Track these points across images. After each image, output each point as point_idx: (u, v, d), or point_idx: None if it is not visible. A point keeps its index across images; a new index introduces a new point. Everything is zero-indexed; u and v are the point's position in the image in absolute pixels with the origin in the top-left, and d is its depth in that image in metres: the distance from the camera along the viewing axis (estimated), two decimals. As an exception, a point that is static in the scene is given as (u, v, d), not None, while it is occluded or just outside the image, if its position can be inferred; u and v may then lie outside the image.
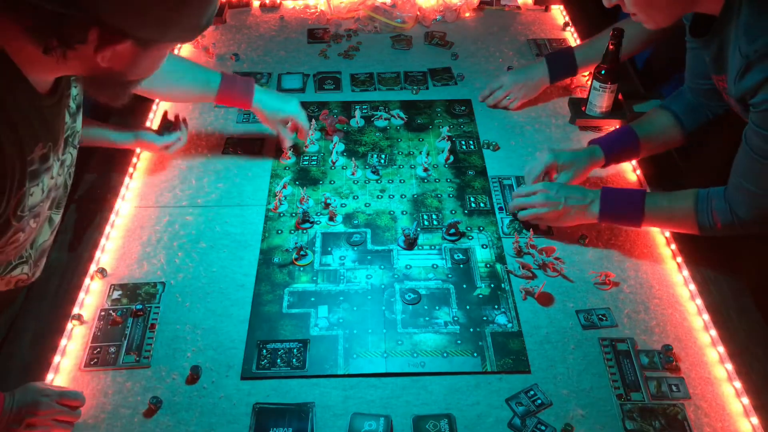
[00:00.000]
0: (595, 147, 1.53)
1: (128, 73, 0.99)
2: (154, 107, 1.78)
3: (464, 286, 1.36)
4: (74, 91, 1.13)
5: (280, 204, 1.51)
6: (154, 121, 1.77)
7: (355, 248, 1.44)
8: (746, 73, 1.16)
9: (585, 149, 1.55)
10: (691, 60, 1.46)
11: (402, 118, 1.76)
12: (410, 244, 1.44)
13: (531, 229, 1.46)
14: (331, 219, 1.50)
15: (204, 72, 1.58)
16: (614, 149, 1.53)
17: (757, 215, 1.25)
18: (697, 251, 1.41)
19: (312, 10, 2.24)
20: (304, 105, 1.82)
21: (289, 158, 1.66)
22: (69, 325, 1.27)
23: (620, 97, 1.75)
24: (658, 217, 1.37)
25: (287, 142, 1.64)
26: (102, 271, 1.37)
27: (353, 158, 1.64)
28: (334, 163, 1.64)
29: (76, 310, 1.29)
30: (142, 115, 1.77)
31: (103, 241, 1.43)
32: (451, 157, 1.66)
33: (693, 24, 1.32)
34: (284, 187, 1.53)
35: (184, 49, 2.05)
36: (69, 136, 1.13)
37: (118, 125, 1.57)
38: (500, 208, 1.53)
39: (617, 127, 1.68)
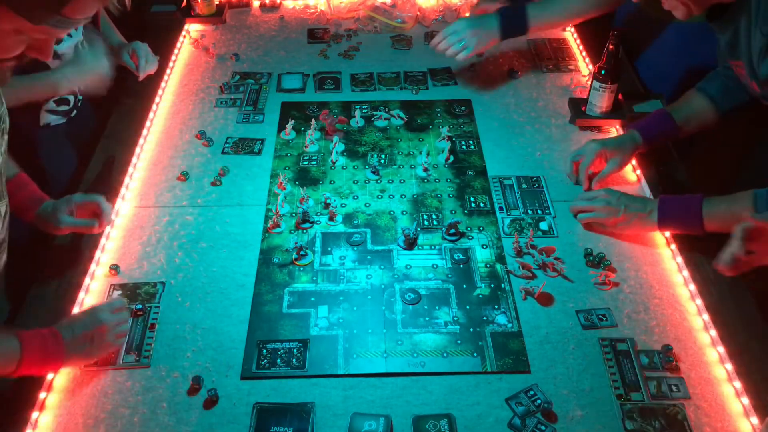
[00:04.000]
0: (634, 132, 1.57)
1: None
2: (151, 114, 1.78)
3: (464, 286, 1.36)
4: None
5: (276, 225, 1.47)
6: (151, 129, 1.77)
7: (355, 248, 1.44)
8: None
9: (626, 135, 1.59)
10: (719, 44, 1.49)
11: (402, 118, 1.76)
12: (410, 244, 1.44)
13: (531, 229, 1.46)
14: (331, 219, 1.50)
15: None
16: (653, 133, 1.57)
17: None
18: (697, 252, 1.41)
19: (312, 10, 2.24)
20: (304, 105, 1.83)
21: (289, 134, 1.70)
22: (69, 325, 1.27)
23: (620, 97, 1.75)
24: (718, 222, 1.34)
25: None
26: (115, 267, 1.38)
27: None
28: (334, 162, 1.64)
29: (76, 310, 1.29)
30: (149, 98, 1.77)
31: (103, 241, 1.43)
32: (451, 157, 1.66)
33: (710, 10, 1.34)
34: (281, 186, 1.53)
35: (184, 50, 2.06)
36: None
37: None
38: (500, 208, 1.53)
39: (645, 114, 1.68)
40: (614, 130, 1.74)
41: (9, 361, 1.07)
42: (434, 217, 1.51)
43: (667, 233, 1.44)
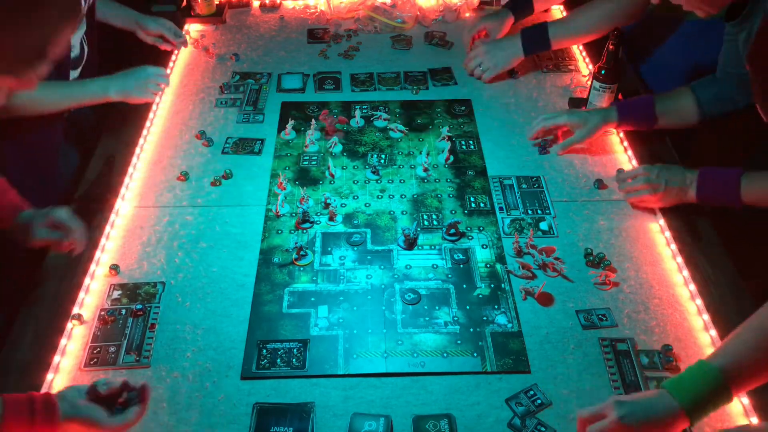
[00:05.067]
0: (613, 108, 1.62)
1: None
2: (151, 114, 1.78)
3: (464, 286, 1.36)
4: None
5: (282, 207, 1.50)
6: (151, 129, 1.77)
7: (355, 248, 1.44)
8: None
9: (602, 109, 1.64)
10: (725, 48, 1.50)
11: (402, 131, 1.74)
12: (410, 244, 1.44)
13: (531, 229, 1.46)
14: (331, 219, 1.50)
15: None
16: (629, 114, 1.61)
17: None
18: (697, 251, 1.41)
19: (312, 10, 2.24)
20: (304, 105, 1.83)
21: (289, 134, 1.70)
22: (69, 325, 1.27)
23: (620, 97, 1.75)
24: (758, 196, 1.36)
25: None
26: (115, 267, 1.38)
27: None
28: (333, 176, 1.62)
29: (76, 310, 1.29)
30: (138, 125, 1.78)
31: (103, 241, 1.43)
32: (451, 157, 1.66)
33: (729, 9, 1.35)
34: (281, 186, 1.53)
35: (184, 52, 2.06)
36: None
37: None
38: (500, 208, 1.53)
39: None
40: (614, 130, 1.74)
41: None
42: (434, 217, 1.51)
43: (668, 233, 1.45)
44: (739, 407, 1.15)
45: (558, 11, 2.20)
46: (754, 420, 1.14)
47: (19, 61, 0.84)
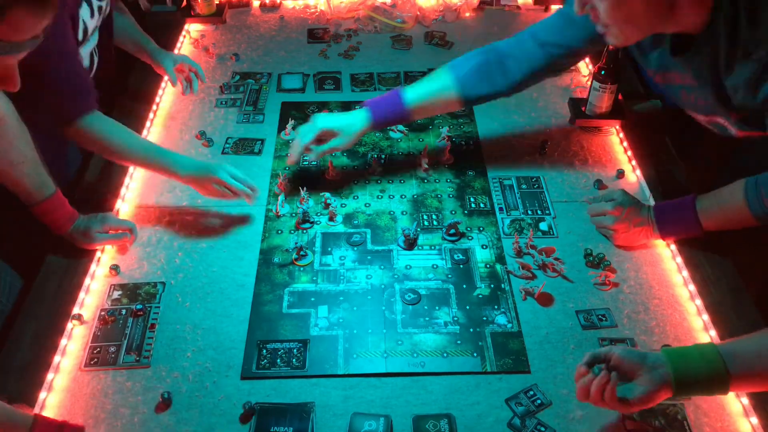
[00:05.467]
0: (365, 111, 1.52)
1: None
2: (151, 114, 1.78)
3: (464, 286, 1.36)
4: None
5: (282, 207, 1.50)
6: (151, 129, 1.77)
7: (355, 248, 1.44)
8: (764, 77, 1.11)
9: (355, 112, 1.54)
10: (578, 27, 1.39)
11: (401, 131, 1.74)
12: (410, 244, 1.44)
13: (531, 230, 1.46)
14: (331, 219, 1.50)
15: (44, 175, 1.35)
16: (382, 115, 1.53)
17: None
18: (696, 252, 1.41)
19: (312, 10, 2.24)
20: (304, 105, 1.83)
21: (289, 134, 1.70)
22: (69, 325, 1.27)
23: (620, 97, 1.75)
24: (715, 218, 1.33)
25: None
26: (115, 268, 1.38)
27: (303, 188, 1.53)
28: (333, 175, 1.62)
29: (76, 310, 1.29)
30: (147, 102, 1.77)
31: (103, 241, 1.43)
32: (451, 158, 1.66)
33: (673, 43, 1.27)
34: (281, 186, 1.53)
35: (184, 50, 2.06)
36: None
37: None
38: (500, 209, 1.53)
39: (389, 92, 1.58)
40: (614, 130, 1.74)
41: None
42: (434, 217, 1.51)
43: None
44: (738, 407, 1.15)
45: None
46: (744, 401, 1.15)
47: None
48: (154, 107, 1.80)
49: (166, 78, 1.82)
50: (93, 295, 1.34)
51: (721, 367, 0.99)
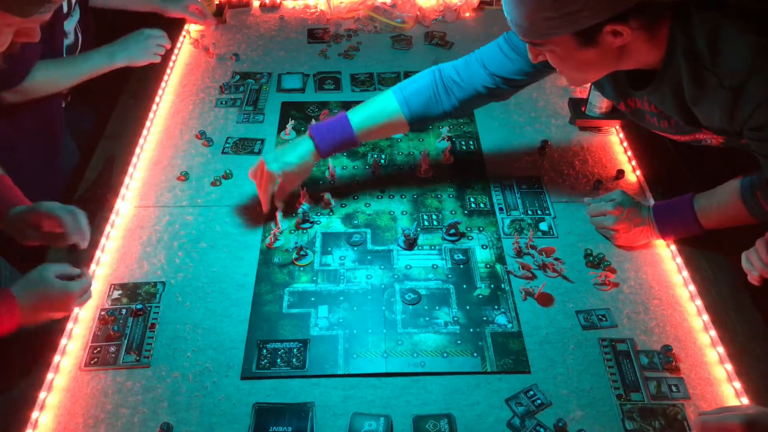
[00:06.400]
0: (309, 141, 1.44)
1: None
2: (151, 114, 1.78)
3: (464, 286, 1.36)
4: None
5: (276, 239, 1.45)
6: (151, 129, 1.77)
7: (355, 248, 1.44)
8: (739, 103, 1.09)
9: (301, 145, 1.45)
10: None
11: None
12: (410, 244, 1.44)
13: (531, 230, 1.46)
14: (325, 208, 1.50)
15: None
16: (329, 145, 1.45)
17: None
18: (696, 252, 1.41)
19: (312, 10, 2.24)
20: (304, 105, 1.83)
21: (289, 134, 1.69)
22: (69, 325, 1.27)
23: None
24: (713, 217, 1.34)
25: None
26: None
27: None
28: (333, 176, 1.62)
29: (76, 311, 1.29)
30: (149, 99, 1.77)
31: (103, 241, 1.43)
32: (451, 158, 1.66)
33: (632, 79, 1.25)
34: (278, 229, 1.46)
35: (184, 50, 2.06)
36: None
37: None
38: (500, 209, 1.53)
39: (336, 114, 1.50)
40: (614, 130, 1.74)
41: None
42: (434, 217, 1.51)
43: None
44: (730, 390, 1.16)
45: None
46: (744, 401, 1.15)
47: (29, 1, 0.89)
48: (154, 107, 1.80)
49: (166, 77, 1.82)
50: (93, 295, 1.34)
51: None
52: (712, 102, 1.12)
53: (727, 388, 1.18)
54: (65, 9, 1.48)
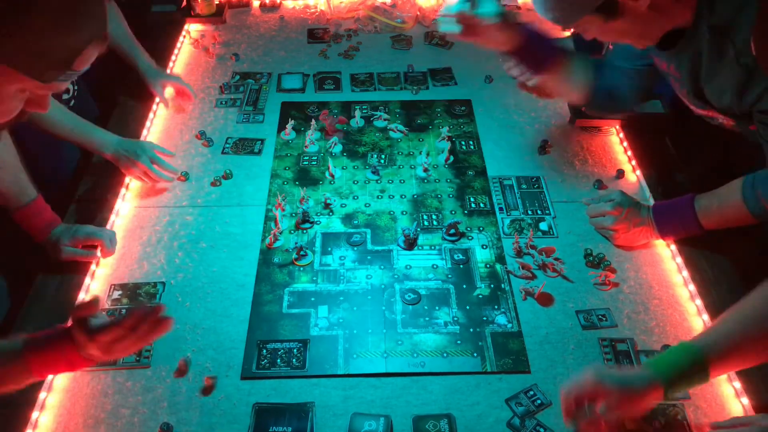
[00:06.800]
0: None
1: None
2: (151, 114, 1.78)
3: (464, 286, 1.36)
4: None
5: (276, 240, 1.45)
6: (151, 129, 1.77)
7: (355, 248, 1.44)
8: (750, 81, 1.11)
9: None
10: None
11: (402, 131, 1.73)
12: (410, 244, 1.44)
13: (531, 229, 1.46)
14: (325, 208, 1.51)
15: (25, 181, 1.36)
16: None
17: None
18: (696, 252, 1.41)
19: (312, 10, 2.24)
20: (304, 105, 1.83)
21: (289, 134, 1.70)
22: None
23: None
24: (714, 217, 1.34)
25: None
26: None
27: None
28: (333, 176, 1.62)
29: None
30: (149, 98, 1.78)
31: (103, 241, 1.43)
32: (451, 158, 1.66)
33: (662, 39, 1.28)
34: (278, 229, 1.46)
35: (184, 50, 2.06)
36: None
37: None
38: (500, 209, 1.53)
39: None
40: (613, 130, 1.74)
41: (17, 370, 0.97)
42: (434, 217, 1.51)
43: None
44: (738, 407, 1.15)
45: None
46: (744, 401, 1.15)
47: (50, 66, 0.86)
48: (154, 107, 1.80)
49: (157, 99, 1.81)
50: (93, 294, 1.34)
51: (700, 359, 1.01)
52: (725, 78, 1.14)
53: (727, 388, 1.18)
54: None
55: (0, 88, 0.86)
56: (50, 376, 1.18)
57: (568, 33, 1.87)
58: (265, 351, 1.24)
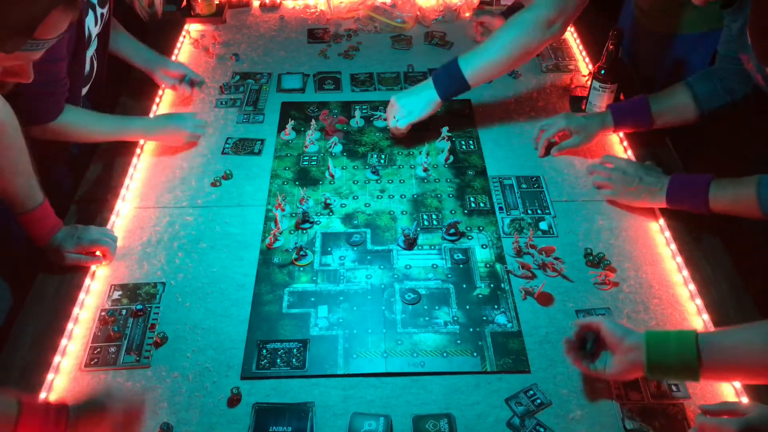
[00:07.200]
0: (608, 113, 1.62)
1: None
2: (151, 115, 1.78)
3: (464, 286, 1.36)
4: None
5: (276, 240, 1.45)
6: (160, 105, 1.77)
7: (355, 248, 1.44)
8: None
9: (599, 114, 1.64)
10: (724, 34, 1.49)
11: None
12: (410, 244, 1.44)
13: (531, 229, 1.46)
14: (325, 208, 1.51)
15: (35, 186, 1.34)
16: (625, 117, 1.61)
17: None
18: (697, 251, 1.41)
19: (312, 10, 2.24)
20: (304, 105, 1.83)
21: (289, 134, 1.71)
22: (69, 325, 1.27)
23: (621, 97, 1.74)
24: (724, 205, 1.37)
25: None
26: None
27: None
28: (333, 176, 1.62)
29: (76, 311, 1.29)
30: (149, 99, 1.78)
31: (103, 241, 1.43)
32: (451, 157, 1.66)
33: None
34: (278, 229, 1.46)
35: (184, 50, 2.06)
36: None
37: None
38: (500, 208, 1.53)
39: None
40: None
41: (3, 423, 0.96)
42: (434, 217, 1.51)
43: (667, 233, 1.45)
44: (730, 390, 1.16)
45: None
46: (745, 400, 1.15)
47: (9, 35, 0.85)
48: (154, 107, 1.80)
49: (157, 99, 1.82)
50: (93, 295, 1.34)
51: (694, 358, 1.02)
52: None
53: (727, 387, 1.18)
54: (86, 41, 1.50)
55: None
56: (50, 376, 1.18)
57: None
58: (265, 351, 1.24)
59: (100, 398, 1.04)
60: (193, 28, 2.15)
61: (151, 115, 1.76)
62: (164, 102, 1.84)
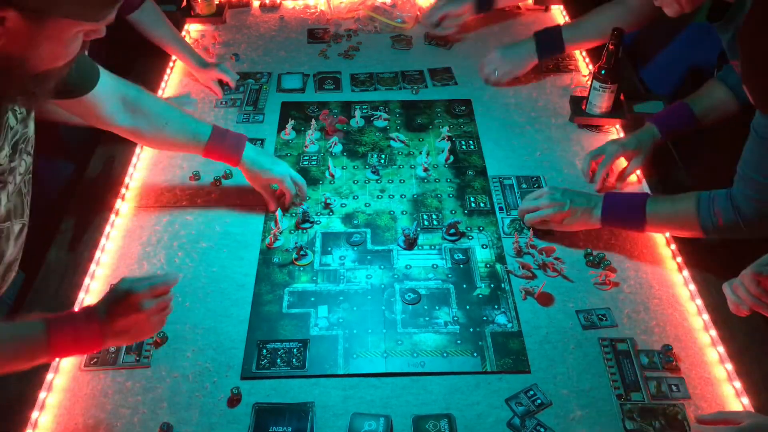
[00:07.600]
0: (652, 127, 1.57)
1: (30, 58, 0.93)
2: (162, 83, 1.79)
3: (464, 286, 1.36)
4: None
5: (276, 239, 1.44)
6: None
7: (355, 248, 1.44)
8: None
9: (644, 130, 1.58)
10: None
11: (402, 141, 1.71)
12: (410, 244, 1.44)
13: (531, 230, 1.46)
14: (325, 207, 1.51)
15: (194, 122, 1.44)
16: (672, 126, 1.58)
17: (761, 210, 1.23)
18: (697, 252, 1.41)
19: (312, 10, 2.24)
20: (304, 105, 1.83)
21: (289, 134, 1.71)
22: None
23: (621, 97, 1.74)
24: (661, 221, 1.37)
25: (272, 205, 1.50)
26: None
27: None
28: (333, 176, 1.62)
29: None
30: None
31: (103, 241, 1.43)
32: (451, 157, 1.66)
33: (711, 9, 1.35)
34: (278, 229, 1.45)
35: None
36: (19, 141, 1.09)
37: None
38: (500, 208, 1.53)
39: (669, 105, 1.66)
40: (614, 130, 1.74)
41: (35, 348, 0.99)
42: (434, 217, 1.51)
43: (668, 233, 1.44)
44: (739, 407, 1.15)
45: (558, 11, 2.20)
46: (745, 400, 1.15)
47: (103, 6, 0.94)
48: (163, 84, 1.80)
49: (166, 77, 1.83)
50: (93, 295, 1.34)
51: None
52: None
53: (727, 388, 1.18)
54: None
55: (60, 36, 0.93)
56: (50, 376, 1.18)
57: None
58: (265, 351, 1.24)
59: (123, 285, 1.03)
60: (193, 28, 2.14)
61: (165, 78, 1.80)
62: (176, 70, 1.86)
